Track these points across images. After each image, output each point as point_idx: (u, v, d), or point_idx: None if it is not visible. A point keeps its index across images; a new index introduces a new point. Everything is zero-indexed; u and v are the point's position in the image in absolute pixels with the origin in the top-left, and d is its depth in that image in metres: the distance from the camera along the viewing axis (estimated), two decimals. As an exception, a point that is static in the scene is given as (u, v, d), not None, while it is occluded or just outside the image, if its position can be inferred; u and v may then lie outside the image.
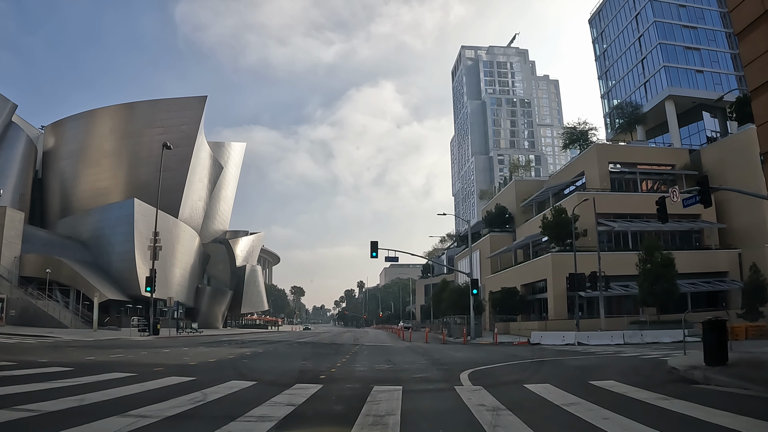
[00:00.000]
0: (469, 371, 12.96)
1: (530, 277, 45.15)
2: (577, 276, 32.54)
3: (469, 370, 13.31)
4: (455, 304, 43.59)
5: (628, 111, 57.88)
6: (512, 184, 65.23)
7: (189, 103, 78.56)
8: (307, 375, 12.02)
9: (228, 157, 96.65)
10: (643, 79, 62.44)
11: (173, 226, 70.15)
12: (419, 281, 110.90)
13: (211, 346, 24.54)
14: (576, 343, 28.48)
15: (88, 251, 63.10)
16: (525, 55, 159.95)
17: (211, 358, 16.58)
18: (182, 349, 21.84)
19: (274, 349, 23.00)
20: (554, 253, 41.14)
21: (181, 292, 70.39)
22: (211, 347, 23.76)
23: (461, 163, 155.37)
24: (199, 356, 17.47)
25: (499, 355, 19.82)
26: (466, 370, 13.08)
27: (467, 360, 17.39)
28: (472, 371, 13.04)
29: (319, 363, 15.74)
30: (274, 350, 22.48)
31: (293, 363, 15.81)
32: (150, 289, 37.45)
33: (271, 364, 15.34)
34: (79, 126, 75.26)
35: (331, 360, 17.06)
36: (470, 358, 18.55)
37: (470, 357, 19.00)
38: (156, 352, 19.51)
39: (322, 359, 17.52)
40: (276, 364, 15.76)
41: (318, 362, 16.08)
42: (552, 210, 42.44)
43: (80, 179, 74.03)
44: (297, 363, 15.73)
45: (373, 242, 34.71)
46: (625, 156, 51.85)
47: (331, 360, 17.06)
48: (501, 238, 59.92)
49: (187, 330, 47.78)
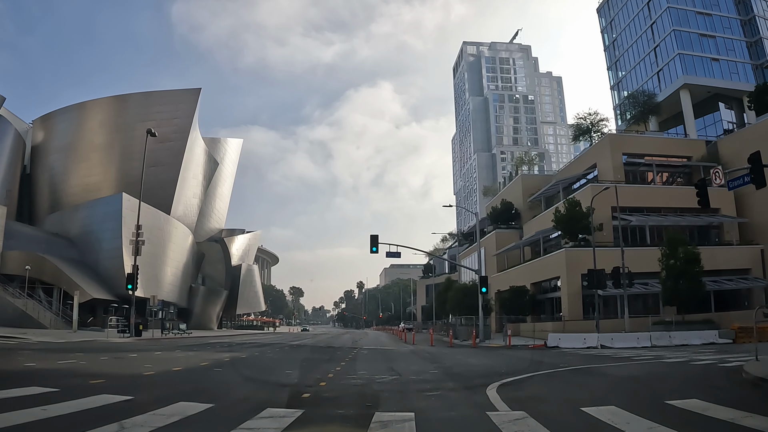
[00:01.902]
0: (495, 385, 10.10)
1: (541, 274, 42.25)
2: (597, 272, 29.67)
3: (495, 383, 10.45)
4: (461, 304, 40.65)
5: (642, 100, 54.90)
6: (518, 179, 62.32)
7: (182, 95, 75.76)
8: (286, 392, 9.15)
9: (224, 154, 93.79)
10: (656, 67, 59.57)
11: (165, 222, 67.31)
12: (420, 281, 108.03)
13: (190, 350, 21.69)
14: (599, 346, 25.66)
15: (75, 248, 60.25)
16: (528, 51, 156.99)
17: (177, 367, 13.72)
18: (154, 354, 19.00)
19: (260, 355, 20.13)
20: (568, 249, 38.24)
21: (172, 292, 67.50)
22: (189, 351, 20.91)
23: (463, 161, 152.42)
24: (166, 364, 14.62)
25: (521, 362, 16.95)
26: (492, 384, 10.22)
27: (486, 368, 14.55)
28: (499, 385, 10.19)
29: (308, 373, 12.89)
30: (259, 356, 19.61)
31: (276, 373, 12.94)
32: (131, 287, 34.59)
33: (248, 375, 12.47)
34: (68, 119, 72.46)
35: (323, 368, 14.20)
36: (488, 365, 15.70)
37: (487, 364, 16.16)
38: (119, 357, 16.65)
39: (312, 367, 14.66)
40: (254, 374, 12.89)
41: (307, 372, 13.23)
42: (565, 203, 39.57)
43: (70, 174, 71.22)
44: (280, 373, 12.88)
45: (373, 236, 31.90)
46: (639, 147, 48.92)
47: (323, 368, 14.20)
48: (507, 235, 57.03)
49: (174, 331, 44.80)
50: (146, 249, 63.31)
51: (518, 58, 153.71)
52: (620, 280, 28.94)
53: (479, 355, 20.88)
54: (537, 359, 18.13)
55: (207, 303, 77.93)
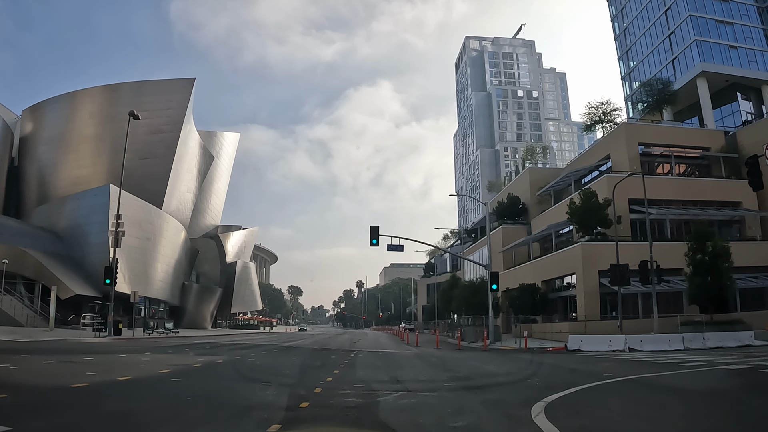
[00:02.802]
0: (540, 408, 7.26)
1: (554, 271, 39.33)
2: (620, 268, 26.81)
3: (538, 403, 7.60)
4: (468, 303, 37.69)
5: (658, 88, 51.95)
6: (526, 172, 59.44)
7: (175, 85, 72.79)
8: (248, 422, 6.29)
9: (220, 148, 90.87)
10: (671, 55, 56.66)
11: (156, 217, 64.46)
12: (421, 280, 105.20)
13: (164, 353, 18.87)
14: (627, 349, 22.81)
15: (61, 243, 57.41)
16: (531, 46, 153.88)
17: (126, 376, 10.85)
18: (116, 357, 16.19)
19: (241, 359, 17.26)
20: (585, 243, 35.34)
21: (163, 289, 64.63)
22: (161, 354, 18.09)
23: (465, 158, 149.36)
24: (117, 371, 11.77)
25: (551, 370, 14.10)
26: (536, 406, 7.38)
27: (512, 379, 11.72)
28: (545, 407, 7.34)
29: (291, 386, 10.05)
30: (239, 360, 16.76)
31: (247, 387, 10.09)
32: (109, 282, 31.77)
33: (209, 390, 9.55)
34: (58, 110, 69.57)
35: (311, 379, 11.36)
36: (513, 374, 12.88)
37: (511, 372, 13.33)
38: (67, 361, 13.80)
39: (298, 377, 11.83)
40: (218, 388, 9.96)
41: (289, 384, 10.39)
42: (581, 194, 36.69)
43: (59, 166, 68.36)
44: (254, 386, 10.02)
45: (373, 227, 29.05)
46: (656, 137, 46.00)
47: (311, 379, 11.36)
48: (514, 230, 54.12)
49: (159, 330, 41.87)
50: (136, 244, 60.92)
51: (522, 53, 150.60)
52: (648, 276, 26.05)
53: (496, 361, 18.02)
54: (567, 366, 15.28)
55: (200, 301, 74.99)
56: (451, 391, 9.83)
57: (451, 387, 10.40)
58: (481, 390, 9.99)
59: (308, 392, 9.04)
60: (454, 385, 10.69)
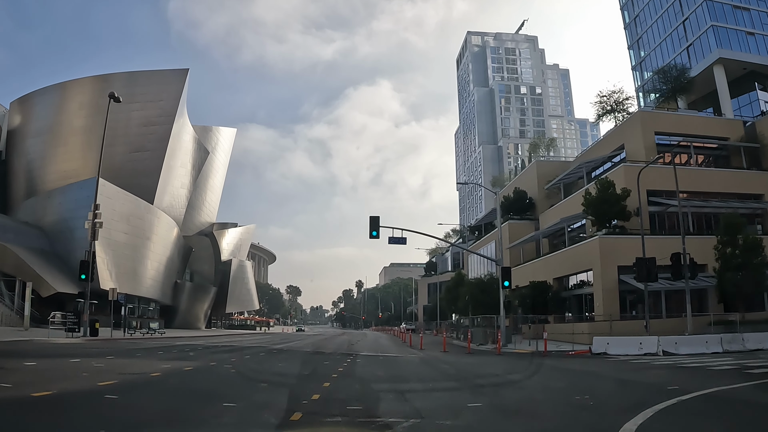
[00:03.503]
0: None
1: (568, 268, 36.55)
2: (647, 262, 24.15)
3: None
4: (477, 302, 34.84)
5: (673, 76, 49.21)
6: (533, 165, 56.76)
7: (168, 76, 70.13)
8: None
9: (216, 143, 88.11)
10: (685, 42, 53.99)
11: (146, 212, 61.74)
12: (422, 280, 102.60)
13: (129, 357, 16.22)
14: (660, 352, 20.14)
15: (45, 238, 54.78)
16: (534, 41, 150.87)
17: (48, 390, 8.12)
18: (67, 362, 13.56)
19: (216, 366, 14.57)
20: (603, 237, 32.61)
21: (154, 288, 61.90)
22: (124, 359, 15.44)
23: (467, 155, 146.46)
24: (39, 383, 9.05)
25: (598, 383, 11.37)
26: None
27: (555, 396, 8.98)
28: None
29: (259, 409, 7.34)
30: (214, 368, 14.07)
31: (196, 411, 7.37)
32: (85, 277, 29.11)
33: (142, 417, 6.79)
34: (47, 101, 66.88)
35: (292, 396, 8.66)
36: (553, 392, 10.15)
37: (549, 388, 10.62)
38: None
39: (275, 393, 9.17)
40: (151, 414, 7.16)
41: (258, 406, 7.70)
42: (597, 184, 34.01)
43: (47, 160, 65.71)
44: (211, 409, 7.33)
45: (373, 217, 26.38)
46: (673, 126, 43.35)
47: (292, 396, 8.66)
48: (521, 226, 51.46)
49: (143, 331, 39.09)
50: (125, 240, 58.21)
51: (524, 49, 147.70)
52: (681, 271, 23.36)
53: (519, 368, 15.28)
54: (609, 375, 12.60)
55: (193, 300, 72.20)
56: (480, 417, 7.16)
57: (478, 409, 7.73)
58: (523, 415, 7.31)
59: (283, 420, 6.38)
60: (482, 406, 8.02)
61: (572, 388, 10.17)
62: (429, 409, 7.50)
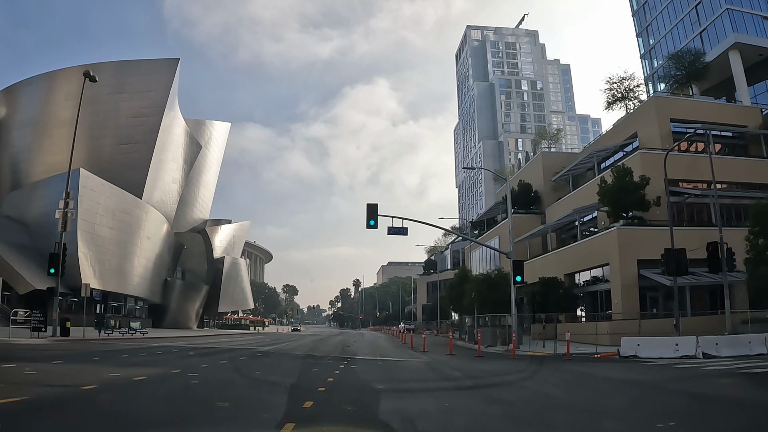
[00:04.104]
0: None
1: (582, 262, 33.93)
2: (677, 253, 21.58)
3: None
4: (485, 299, 32.09)
5: (688, 61, 46.68)
6: (539, 157, 54.22)
7: (158, 66, 67.40)
8: None
9: (209, 138, 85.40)
10: (698, 28, 51.46)
11: (134, 206, 59.12)
12: (421, 279, 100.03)
13: (79, 363, 13.63)
14: (700, 354, 17.60)
15: (27, 233, 52.17)
16: (535, 36, 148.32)
17: None
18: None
19: (179, 374, 11.92)
20: (621, 228, 30.03)
21: (141, 286, 59.26)
22: (72, 365, 12.85)
23: (467, 151, 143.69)
24: None
25: (661, 398, 8.77)
26: None
27: (628, 427, 6.40)
28: None
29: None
30: (171, 378, 11.41)
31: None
32: (54, 271, 26.48)
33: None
34: (33, 92, 64.15)
35: (255, 426, 6.03)
36: (613, 411, 7.54)
37: (600, 403, 8.02)
38: None
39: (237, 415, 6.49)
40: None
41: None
42: (613, 171, 31.45)
43: (33, 152, 63.13)
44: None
45: (371, 205, 23.79)
46: (689, 113, 40.74)
47: (255, 426, 6.03)
48: (526, 220, 48.87)
49: (123, 330, 36.33)
50: (110, 235, 55.48)
51: (524, 44, 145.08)
52: (719, 263, 20.78)
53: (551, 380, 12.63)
54: (670, 387, 10.00)
55: (184, 299, 69.52)
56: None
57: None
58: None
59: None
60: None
61: (638, 406, 7.63)
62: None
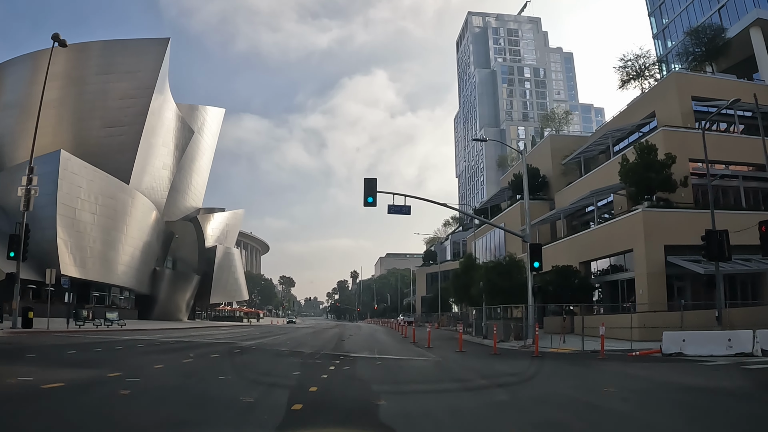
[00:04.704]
0: None
1: (602, 249, 31.05)
2: (719, 235, 18.82)
3: None
4: (496, 289, 29.02)
5: (709, 36, 43.73)
6: (547, 140, 51.36)
7: (147, 46, 64.44)
8: None
9: (202, 123, 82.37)
10: (716, 4, 48.49)
11: (120, 191, 56.14)
12: (420, 270, 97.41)
13: (13, 362, 10.75)
14: (759, 351, 14.85)
15: (6, 218, 49.18)
16: (537, 23, 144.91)
17: None
18: None
19: (105, 383, 9.05)
20: (647, 210, 27.20)
21: (128, 275, 56.38)
22: (10, 365, 9.96)
23: (468, 140, 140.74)
24: None
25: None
26: None
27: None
28: None
29: None
30: (91, 389, 8.55)
31: None
32: (14, 255, 23.72)
33: None
34: (17, 72, 60.99)
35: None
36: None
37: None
38: None
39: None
40: None
41: None
42: (636, 149, 28.61)
43: (16, 134, 59.94)
44: None
45: (369, 179, 21.15)
46: (711, 90, 37.77)
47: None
48: (534, 206, 45.31)
49: (97, 321, 33.45)
50: (93, 221, 52.41)
51: (527, 30, 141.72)
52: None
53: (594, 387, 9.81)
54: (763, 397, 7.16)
55: (174, 289, 66.69)
56: None
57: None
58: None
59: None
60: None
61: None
62: None
